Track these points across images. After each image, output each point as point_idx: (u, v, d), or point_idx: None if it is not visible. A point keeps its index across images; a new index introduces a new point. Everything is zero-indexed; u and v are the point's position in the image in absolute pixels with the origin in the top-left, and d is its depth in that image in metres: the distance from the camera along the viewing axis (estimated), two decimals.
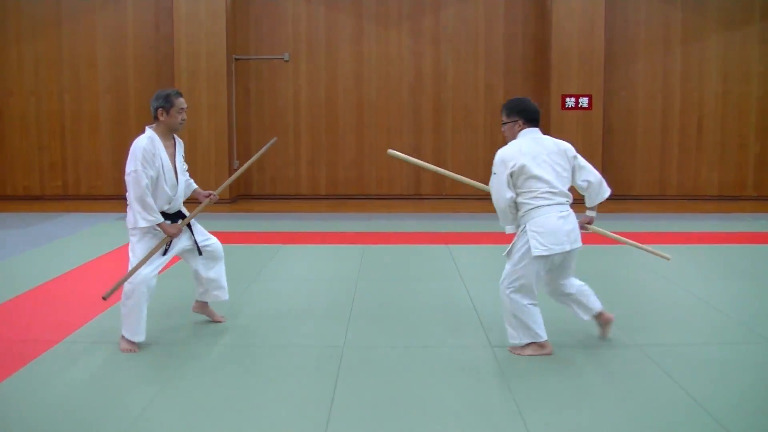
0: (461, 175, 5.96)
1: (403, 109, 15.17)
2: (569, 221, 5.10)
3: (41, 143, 15.19)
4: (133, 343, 5.32)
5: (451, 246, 9.36)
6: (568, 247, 5.07)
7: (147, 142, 5.32)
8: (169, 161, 5.45)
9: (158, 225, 5.30)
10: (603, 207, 5.60)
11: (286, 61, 15.13)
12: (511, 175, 5.05)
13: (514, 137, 5.29)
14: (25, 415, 4.19)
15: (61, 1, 15.03)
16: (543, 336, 5.15)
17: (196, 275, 5.84)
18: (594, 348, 5.37)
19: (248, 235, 10.66)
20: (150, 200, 5.22)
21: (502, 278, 5.22)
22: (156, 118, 5.47)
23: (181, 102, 5.49)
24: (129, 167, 5.23)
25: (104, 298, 5.32)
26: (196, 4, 14.20)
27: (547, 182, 5.05)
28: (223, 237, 10.26)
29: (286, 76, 15.24)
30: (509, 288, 5.14)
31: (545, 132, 5.35)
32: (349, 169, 15.31)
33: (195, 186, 5.96)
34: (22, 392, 4.52)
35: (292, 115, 15.26)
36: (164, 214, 5.40)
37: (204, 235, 5.82)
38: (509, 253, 5.20)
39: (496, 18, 14.98)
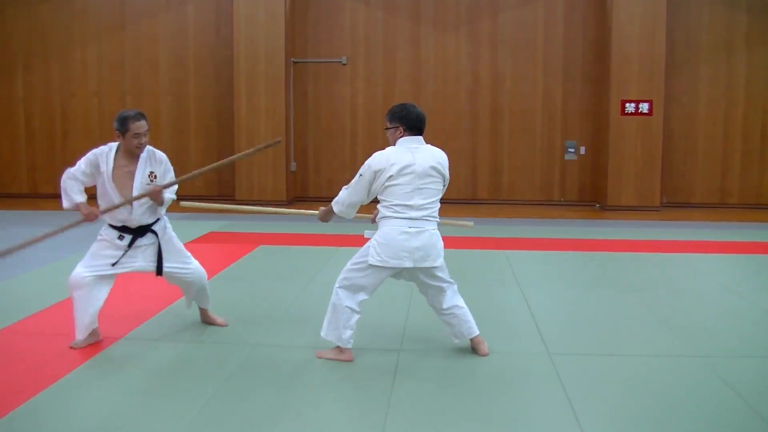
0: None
1: (460, 113, 15.12)
2: (418, 238, 4.97)
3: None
4: (80, 340, 5.38)
5: (507, 251, 9.29)
6: (408, 264, 4.98)
7: (99, 151, 5.45)
8: (112, 179, 5.35)
9: (77, 207, 5.35)
10: (662, 214, 5.50)
11: (344, 64, 15.19)
12: (372, 182, 5.01)
13: (393, 144, 5.16)
14: (96, 406, 4.27)
15: (124, 4, 15.34)
16: (346, 342, 5.12)
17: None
18: (657, 357, 5.28)
19: (305, 237, 10.71)
20: (73, 183, 5.42)
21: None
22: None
23: (137, 126, 5.24)
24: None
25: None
26: (256, 7, 14.34)
27: (402, 196, 4.96)
28: (280, 239, 10.42)
29: (343, 79, 15.30)
30: (338, 282, 5.20)
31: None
32: None
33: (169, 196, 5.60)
34: (97, 378, 4.61)
35: (349, 118, 15.32)
36: (124, 228, 5.38)
37: (183, 264, 5.64)
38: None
39: (555, 22, 14.86)
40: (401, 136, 5.11)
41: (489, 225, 12.12)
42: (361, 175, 5.06)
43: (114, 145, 5.41)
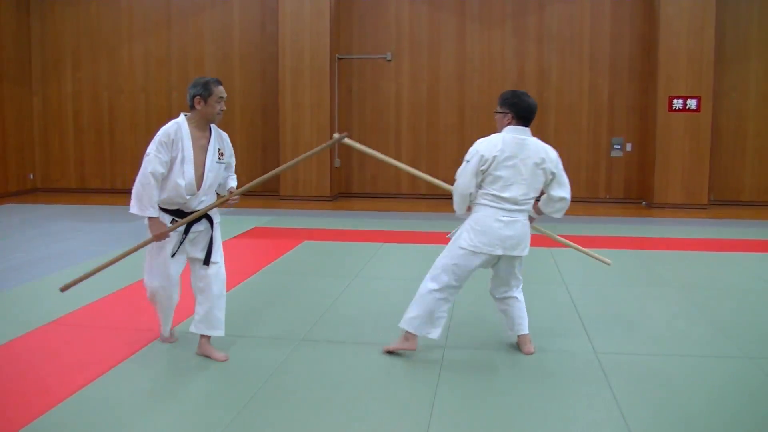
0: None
1: None
2: (511, 227, 4.96)
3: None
4: (167, 337, 5.49)
5: (553, 249, 9.22)
6: (499, 252, 4.96)
7: (170, 126, 4.97)
8: (194, 154, 4.97)
9: (148, 219, 4.92)
10: (710, 212, 5.42)
11: (389, 60, 15.19)
12: (482, 169, 4.93)
13: (500, 130, 5.09)
14: (131, 404, 4.32)
15: (170, 2, 15.51)
16: (429, 333, 5.11)
17: (195, 295, 5.30)
18: (706, 358, 5.21)
19: (349, 233, 10.74)
20: (151, 190, 4.87)
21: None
22: (192, 106, 5.01)
23: (221, 91, 5.00)
24: (148, 149, 4.95)
25: (61, 291, 5.19)
26: (302, 4, 14.39)
27: (504, 188, 4.93)
28: (324, 234, 10.46)
29: (388, 75, 15.30)
30: (430, 273, 5.14)
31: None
32: (450, 169, 15.10)
33: (233, 185, 5.36)
34: (141, 372, 4.67)
35: (394, 114, 15.31)
36: (178, 212, 5.06)
37: (220, 259, 5.22)
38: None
39: (602, 17, 14.69)
40: (509, 124, 5.08)
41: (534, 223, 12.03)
42: (467, 161, 5.01)
43: (182, 119, 5.01)
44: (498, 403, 4.37)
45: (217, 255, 5.18)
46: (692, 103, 13.70)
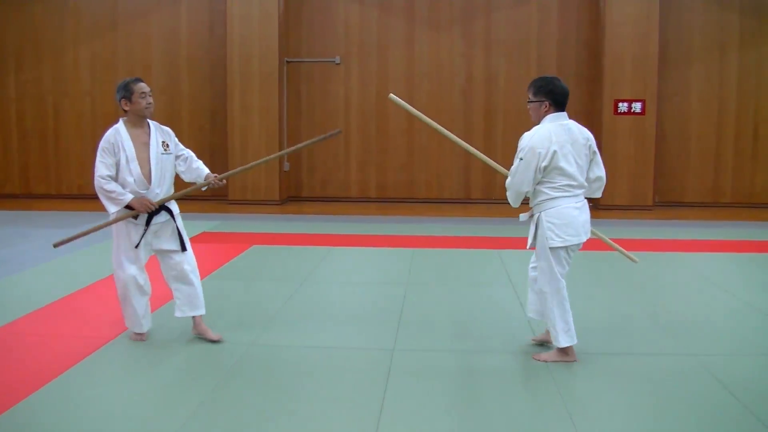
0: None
1: (453, 113, 15.11)
2: (584, 212, 5.05)
3: (96, 143, 15.14)
4: (137, 333, 5.55)
5: (501, 251, 9.30)
6: (584, 238, 5.04)
7: (109, 133, 5.34)
8: (137, 151, 5.33)
9: (128, 204, 5.24)
10: (655, 214, 5.53)
11: (338, 63, 15.18)
12: (543, 165, 4.92)
13: (539, 120, 5.13)
14: (79, 411, 4.26)
15: (117, 4, 15.31)
16: (572, 339, 5.10)
17: (168, 286, 5.67)
18: (650, 356, 5.30)
19: (298, 237, 10.71)
20: (110, 185, 5.21)
21: (541, 277, 5.17)
22: (123, 109, 5.41)
23: (141, 86, 5.33)
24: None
25: (55, 246, 5.54)
26: (250, 7, 14.33)
27: (569, 175, 4.96)
28: (273, 239, 10.42)
29: (337, 79, 15.29)
30: (546, 287, 5.10)
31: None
32: (399, 172, 15.31)
33: (205, 171, 5.72)
34: (78, 387, 4.60)
35: (343, 117, 15.30)
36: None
37: (188, 246, 5.65)
38: (535, 248, 5.19)
39: (549, 22, 14.86)
40: (547, 112, 5.08)
41: (482, 225, 12.14)
42: (521, 159, 4.99)
43: (119, 124, 5.40)
44: (445, 404, 4.39)
45: (186, 242, 5.57)
46: (637, 107, 13.93)
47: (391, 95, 5.94)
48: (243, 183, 14.63)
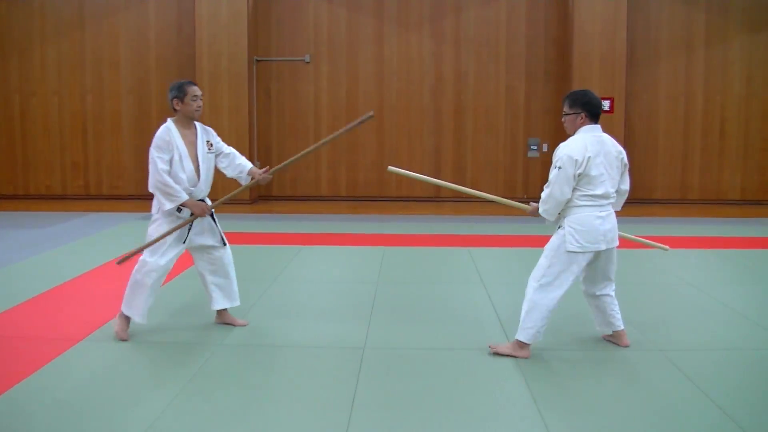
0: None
1: (423, 111, 15.14)
2: (608, 221, 5.08)
3: (63, 143, 15.32)
4: (125, 331, 5.54)
5: (471, 248, 9.34)
6: (603, 246, 5.07)
7: (162, 131, 5.51)
8: (187, 150, 5.55)
9: (184, 203, 5.44)
10: (624, 211, 5.58)
11: (307, 62, 15.15)
12: (578, 172, 4.97)
13: (574, 131, 5.19)
14: (48, 412, 4.21)
15: (84, 2, 15.15)
16: (535, 338, 5.16)
17: (203, 280, 5.89)
18: (615, 351, 5.35)
19: (269, 236, 10.69)
20: (169, 180, 5.38)
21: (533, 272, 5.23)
22: (174, 109, 5.61)
23: (194, 90, 5.61)
24: (150, 155, 5.45)
25: (118, 263, 5.75)
26: (218, 6, 14.25)
27: (598, 186, 5.02)
28: (244, 238, 10.38)
29: (307, 78, 15.26)
30: (536, 281, 5.15)
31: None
32: (369, 171, 15.31)
33: (248, 166, 5.97)
34: (46, 389, 4.54)
35: (313, 116, 15.28)
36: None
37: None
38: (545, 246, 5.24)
39: (518, 20, 14.94)
40: (582, 123, 5.16)
41: (452, 222, 12.18)
42: (559, 168, 5.00)
43: (169, 123, 5.59)
44: (416, 401, 4.40)
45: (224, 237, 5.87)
46: (605, 104, 14.01)
47: (390, 167, 6.04)
48: (213, 182, 14.50)
